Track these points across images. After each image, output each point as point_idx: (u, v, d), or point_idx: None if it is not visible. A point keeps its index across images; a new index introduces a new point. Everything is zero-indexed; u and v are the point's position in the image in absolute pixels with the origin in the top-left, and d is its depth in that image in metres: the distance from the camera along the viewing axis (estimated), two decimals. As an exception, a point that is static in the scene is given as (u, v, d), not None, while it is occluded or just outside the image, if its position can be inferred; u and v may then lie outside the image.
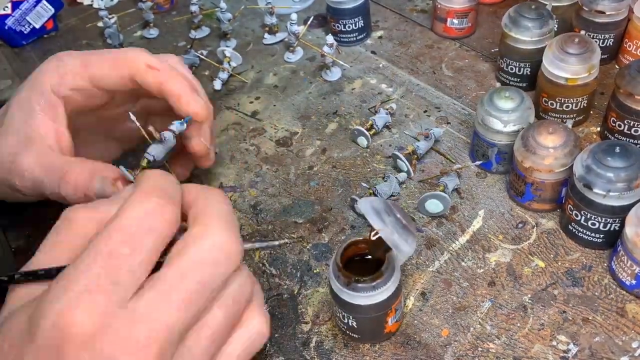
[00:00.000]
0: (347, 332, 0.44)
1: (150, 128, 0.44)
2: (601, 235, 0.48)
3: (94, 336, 0.29)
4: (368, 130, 0.61)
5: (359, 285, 0.40)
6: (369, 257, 0.43)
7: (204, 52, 0.75)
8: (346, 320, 0.43)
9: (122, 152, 0.56)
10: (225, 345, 0.34)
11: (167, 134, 0.45)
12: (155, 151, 0.44)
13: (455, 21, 0.72)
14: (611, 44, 0.64)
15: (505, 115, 0.52)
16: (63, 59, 0.48)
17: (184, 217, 0.34)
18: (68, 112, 0.48)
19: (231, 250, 0.33)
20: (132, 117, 0.43)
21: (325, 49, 0.68)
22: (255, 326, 0.35)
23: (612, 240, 0.47)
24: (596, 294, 0.47)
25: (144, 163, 0.44)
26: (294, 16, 0.72)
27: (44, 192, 0.46)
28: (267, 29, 0.77)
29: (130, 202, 0.32)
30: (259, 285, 0.36)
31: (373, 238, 0.39)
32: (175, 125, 0.46)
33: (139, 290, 0.30)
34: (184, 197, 0.35)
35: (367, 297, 0.40)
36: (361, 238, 0.42)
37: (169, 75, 0.46)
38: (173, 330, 0.30)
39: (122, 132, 0.54)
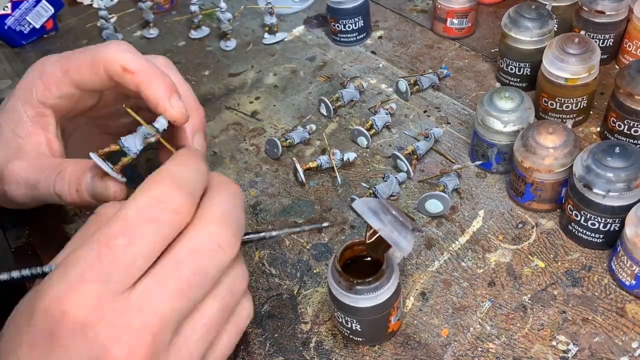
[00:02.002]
0: (351, 336, 0.44)
1: (125, 107, 0.40)
2: (601, 236, 0.48)
3: (86, 324, 0.29)
4: (368, 130, 0.61)
5: (361, 287, 0.40)
6: (366, 258, 0.43)
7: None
8: (349, 325, 0.43)
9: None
10: (220, 333, 0.35)
11: (142, 129, 0.40)
12: (129, 144, 0.40)
13: (455, 21, 0.72)
14: (611, 44, 0.64)
15: (505, 115, 0.52)
16: (45, 67, 0.47)
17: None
18: (58, 118, 0.47)
19: (227, 241, 0.33)
20: (129, 110, 0.40)
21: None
22: (246, 311, 0.36)
23: (612, 241, 0.47)
24: (596, 294, 0.47)
25: (112, 147, 0.40)
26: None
27: (38, 194, 0.45)
28: (267, 28, 0.77)
29: (137, 191, 0.32)
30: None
31: (372, 239, 0.39)
32: (160, 123, 0.41)
33: (138, 279, 0.30)
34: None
35: (370, 298, 0.40)
36: (356, 240, 0.42)
37: (146, 77, 0.42)
38: (168, 319, 0.30)
39: (117, 128, 0.53)
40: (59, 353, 0.29)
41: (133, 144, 0.40)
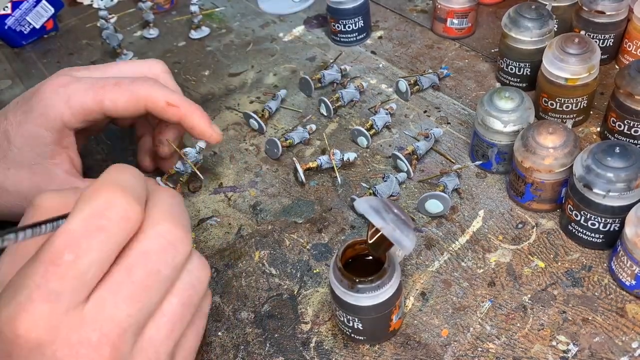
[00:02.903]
0: (352, 335, 0.44)
1: (167, 140, 0.55)
2: (601, 236, 0.48)
3: (42, 344, 0.28)
4: (368, 130, 0.61)
5: (364, 286, 0.40)
6: (367, 257, 0.43)
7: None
8: (351, 324, 0.43)
9: (86, 140, 0.58)
10: (187, 329, 0.34)
11: (190, 151, 0.56)
12: (182, 168, 0.57)
13: (455, 21, 0.72)
14: (611, 44, 0.64)
15: (505, 115, 0.52)
16: (72, 92, 0.47)
17: None
18: (76, 134, 0.50)
19: (176, 237, 0.32)
20: (168, 141, 0.53)
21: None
22: (209, 301, 0.37)
23: (612, 241, 0.47)
24: (596, 294, 0.47)
25: (171, 171, 0.57)
26: None
27: None
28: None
29: (79, 202, 0.30)
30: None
31: (374, 237, 0.39)
32: (200, 145, 0.57)
33: (92, 291, 0.30)
34: None
35: (372, 297, 0.40)
36: (358, 239, 0.42)
37: (189, 110, 0.50)
38: (125, 327, 0.30)
39: (95, 129, 0.56)
40: None
41: (188, 166, 0.57)
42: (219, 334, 0.47)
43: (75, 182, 0.48)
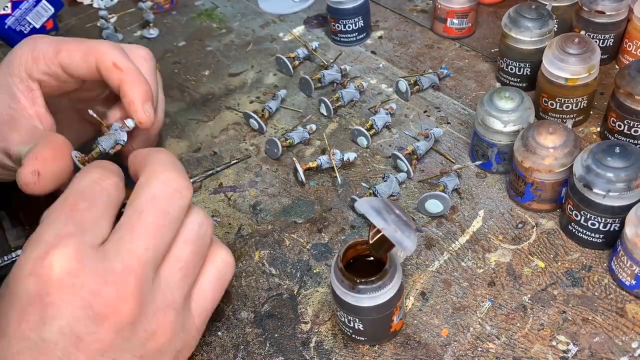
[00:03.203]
0: (353, 335, 0.44)
1: (90, 111, 0.48)
2: (601, 236, 0.48)
3: (73, 275, 0.31)
4: (368, 130, 0.61)
5: (365, 287, 0.40)
6: (368, 258, 0.43)
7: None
8: (352, 324, 0.42)
9: (95, 132, 0.56)
10: (199, 277, 0.38)
11: (116, 126, 0.48)
12: (105, 144, 0.48)
13: (455, 21, 0.72)
14: (611, 44, 0.64)
15: (505, 115, 0.52)
16: (37, 42, 0.48)
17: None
18: (44, 95, 0.49)
19: (179, 184, 0.37)
20: (91, 112, 0.48)
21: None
22: (223, 257, 0.40)
23: (612, 241, 0.47)
24: (596, 294, 0.47)
25: (94, 152, 0.47)
26: None
27: None
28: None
29: (76, 176, 0.36)
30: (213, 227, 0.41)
31: (375, 238, 0.39)
32: (129, 123, 0.48)
33: (109, 236, 0.34)
34: (134, 161, 0.40)
35: (374, 297, 0.40)
36: (359, 239, 0.42)
37: (131, 77, 0.47)
38: (144, 259, 0.34)
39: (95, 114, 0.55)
40: (51, 313, 0.31)
41: (107, 144, 0.48)
42: (219, 334, 0.47)
43: (40, 132, 0.47)
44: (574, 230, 0.49)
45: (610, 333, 0.44)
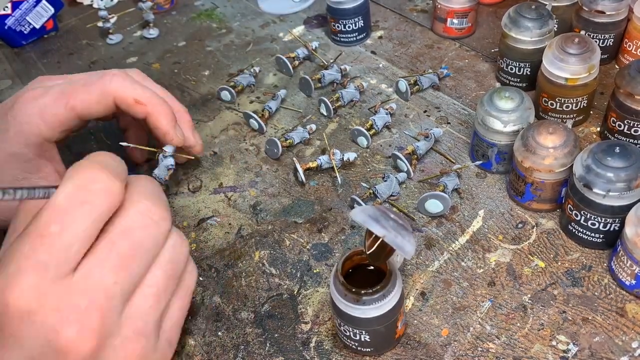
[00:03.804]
0: (359, 347, 0.43)
1: (123, 144, 0.52)
2: (601, 235, 0.48)
3: (32, 311, 0.30)
4: (368, 130, 0.61)
5: (370, 297, 0.39)
6: (365, 267, 0.42)
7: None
8: (357, 337, 0.42)
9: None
10: (171, 300, 0.37)
11: (160, 156, 0.53)
12: (159, 173, 0.53)
13: (455, 21, 0.72)
14: (611, 44, 0.64)
15: (505, 115, 0.52)
16: (46, 104, 0.47)
17: None
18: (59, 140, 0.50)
19: (157, 215, 0.35)
20: (124, 144, 0.51)
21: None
22: (189, 270, 0.39)
23: (612, 240, 0.47)
24: (596, 294, 0.47)
25: None
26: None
27: None
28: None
29: (64, 179, 0.32)
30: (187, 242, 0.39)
31: (373, 246, 0.38)
32: (169, 149, 0.53)
33: (79, 263, 0.32)
34: None
35: (378, 307, 0.40)
36: (355, 250, 0.41)
37: (155, 109, 0.49)
38: (112, 294, 0.32)
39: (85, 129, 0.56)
40: (11, 342, 0.31)
41: (161, 174, 0.53)
42: (219, 334, 0.47)
43: None
44: (574, 230, 0.49)
45: (610, 333, 0.44)
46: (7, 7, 0.81)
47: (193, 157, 0.57)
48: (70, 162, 0.35)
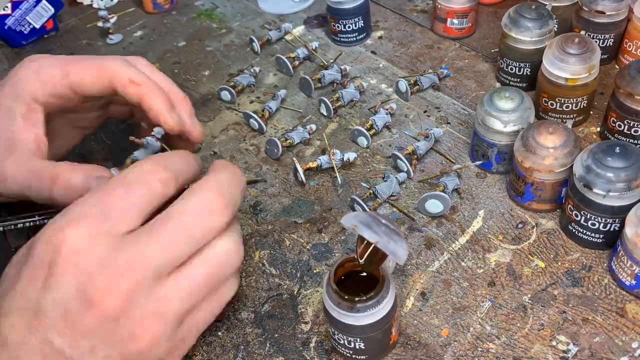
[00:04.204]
0: (353, 355, 0.43)
1: (131, 138, 0.49)
2: (601, 236, 0.48)
3: (79, 254, 0.33)
4: (368, 130, 0.61)
5: (364, 304, 0.39)
6: (357, 274, 0.42)
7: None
8: (352, 345, 0.41)
9: (82, 137, 0.57)
10: (202, 301, 0.37)
11: (150, 140, 0.49)
12: (140, 155, 0.49)
13: (455, 21, 0.72)
14: (611, 44, 0.64)
15: (505, 115, 0.52)
16: (42, 64, 0.48)
17: None
18: (44, 114, 0.49)
19: (217, 209, 0.36)
20: (132, 138, 0.48)
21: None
22: (231, 288, 0.39)
23: (612, 241, 0.47)
24: (596, 294, 0.47)
25: (128, 162, 0.48)
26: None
27: (29, 195, 0.47)
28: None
29: (131, 166, 0.38)
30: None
31: (365, 253, 0.38)
32: (157, 131, 0.49)
33: (131, 231, 0.35)
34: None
35: (372, 314, 0.39)
36: (347, 257, 0.41)
37: (149, 90, 0.48)
38: (148, 265, 0.34)
39: (87, 122, 0.56)
40: (53, 282, 0.33)
41: (143, 156, 0.48)
42: (219, 334, 0.47)
43: (30, 162, 0.47)
44: (574, 230, 0.49)
45: (611, 333, 0.44)
46: (7, 7, 0.81)
47: (190, 145, 0.53)
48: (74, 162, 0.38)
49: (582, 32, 0.63)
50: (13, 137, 0.47)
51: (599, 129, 0.59)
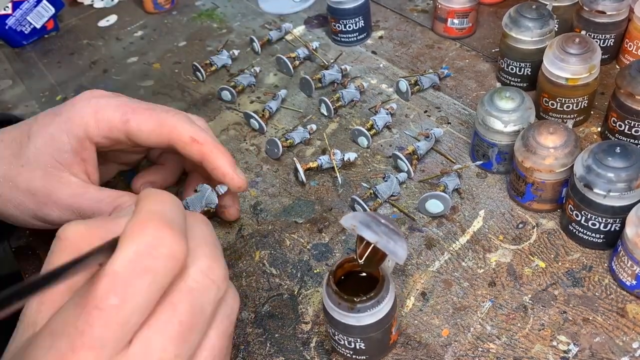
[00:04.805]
0: (353, 356, 0.43)
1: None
2: (601, 236, 0.48)
3: None
4: (368, 130, 0.61)
5: (365, 304, 0.39)
6: (356, 274, 0.42)
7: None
8: (352, 345, 0.41)
9: (117, 171, 0.57)
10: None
11: (205, 187, 0.51)
12: (191, 202, 0.50)
13: (456, 21, 0.72)
14: (612, 44, 0.64)
15: (506, 115, 0.52)
16: (103, 106, 0.47)
17: None
18: (100, 157, 0.49)
19: (219, 276, 0.31)
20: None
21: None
22: (232, 293, 0.35)
23: (613, 241, 0.47)
24: (596, 294, 0.47)
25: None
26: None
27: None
28: None
29: (123, 238, 0.28)
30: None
31: (365, 253, 0.38)
32: (222, 189, 0.51)
33: (136, 332, 0.28)
34: None
35: (373, 314, 0.39)
36: (346, 257, 0.41)
37: (212, 149, 0.48)
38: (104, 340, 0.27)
39: (129, 159, 0.56)
40: None
41: (197, 205, 0.50)
42: (220, 334, 0.47)
43: (88, 191, 0.46)
44: (574, 231, 0.49)
45: (611, 333, 0.44)
46: (7, 7, 0.81)
47: (236, 210, 0.54)
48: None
49: (583, 32, 0.63)
50: (63, 168, 0.47)
51: (599, 129, 0.59)
